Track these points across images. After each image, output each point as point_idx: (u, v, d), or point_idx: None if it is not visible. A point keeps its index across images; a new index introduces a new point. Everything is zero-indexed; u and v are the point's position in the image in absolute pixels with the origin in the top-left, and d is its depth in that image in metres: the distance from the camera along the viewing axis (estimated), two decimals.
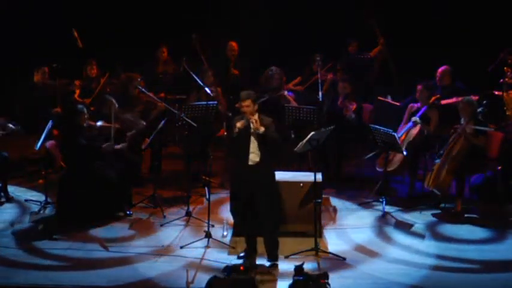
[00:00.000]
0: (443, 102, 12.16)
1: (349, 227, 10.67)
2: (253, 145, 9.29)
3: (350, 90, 12.30)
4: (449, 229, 10.61)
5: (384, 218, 10.93)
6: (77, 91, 12.88)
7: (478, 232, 10.53)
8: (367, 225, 10.74)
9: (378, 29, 13.78)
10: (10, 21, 15.32)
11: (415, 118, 11.48)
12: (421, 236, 10.38)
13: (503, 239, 10.33)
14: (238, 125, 9.27)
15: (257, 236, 9.51)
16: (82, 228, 10.47)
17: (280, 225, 9.63)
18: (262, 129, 9.25)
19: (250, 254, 9.50)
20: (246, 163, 9.29)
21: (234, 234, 10.17)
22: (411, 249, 9.98)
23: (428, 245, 10.11)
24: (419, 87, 11.73)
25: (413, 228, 10.62)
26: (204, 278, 8.82)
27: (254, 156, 9.30)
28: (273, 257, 9.38)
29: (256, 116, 9.27)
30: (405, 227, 10.65)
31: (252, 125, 9.26)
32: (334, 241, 10.16)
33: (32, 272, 9.33)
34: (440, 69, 12.47)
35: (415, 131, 11.45)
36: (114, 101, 11.39)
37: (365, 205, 11.36)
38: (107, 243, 10.09)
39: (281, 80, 12.60)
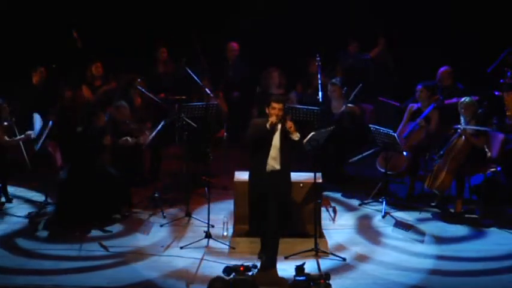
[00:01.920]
0: (446, 102, 12.15)
1: (349, 227, 10.67)
2: (274, 151, 9.23)
3: (339, 94, 12.24)
4: (449, 230, 10.62)
5: (384, 219, 10.92)
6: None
7: (478, 233, 10.53)
8: (367, 225, 10.74)
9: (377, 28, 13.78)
10: (9, 22, 15.32)
11: (421, 120, 11.45)
12: (421, 237, 10.38)
13: (503, 240, 10.33)
14: (273, 119, 9.11)
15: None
16: (82, 229, 10.47)
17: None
18: (297, 135, 9.19)
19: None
20: (264, 169, 9.20)
21: (234, 235, 10.17)
22: (411, 250, 9.98)
23: (428, 246, 10.11)
24: (419, 87, 11.73)
25: (413, 229, 10.62)
26: (204, 278, 8.82)
27: (274, 163, 9.21)
28: (270, 261, 9.32)
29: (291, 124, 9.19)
30: (405, 228, 10.65)
31: (287, 129, 9.15)
32: (334, 241, 10.16)
33: (32, 272, 9.33)
34: (441, 70, 12.47)
35: (421, 133, 11.42)
36: (127, 105, 11.55)
37: (365, 205, 11.35)
38: (107, 243, 10.09)
39: (280, 81, 12.59)
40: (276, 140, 9.22)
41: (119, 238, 10.27)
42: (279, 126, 9.21)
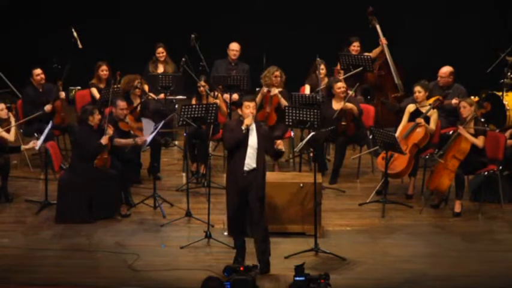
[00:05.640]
0: (445, 102, 12.15)
1: (349, 227, 10.67)
2: (251, 151, 9.23)
3: (346, 90, 12.19)
4: (448, 229, 10.61)
5: (383, 218, 10.92)
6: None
7: (478, 233, 10.53)
8: (367, 225, 10.74)
9: (377, 24, 13.71)
10: (10, 21, 15.36)
11: (420, 119, 11.43)
12: (420, 237, 10.38)
13: (503, 240, 10.34)
14: (248, 121, 9.19)
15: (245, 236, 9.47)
16: (82, 229, 10.48)
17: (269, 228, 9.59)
18: (282, 147, 9.55)
19: (242, 255, 9.46)
20: (242, 169, 9.21)
21: None
22: (411, 250, 9.99)
23: (428, 246, 10.11)
24: (416, 88, 11.68)
25: (413, 228, 10.62)
26: (204, 278, 8.81)
27: (251, 162, 9.22)
28: (266, 264, 9.34)
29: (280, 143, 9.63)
30: (405, 227, 10.65)
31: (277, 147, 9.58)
32: (334, 241, 10.16)
33: (32, 272, 9.35)
34: (442, 70, 12.44)
35: (421, 133, 11.39)
36: (123, 100, 11.57)
37: (365, 205, 11.34)
38: (107, 243, 10.09)
39: (281, 80, 12.60)
40: (253, 140, 9.25)
41: (119, 238, 10.26)
42: (253, 125, 9.26)
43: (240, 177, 9.21)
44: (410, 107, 11.68)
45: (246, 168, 9.21)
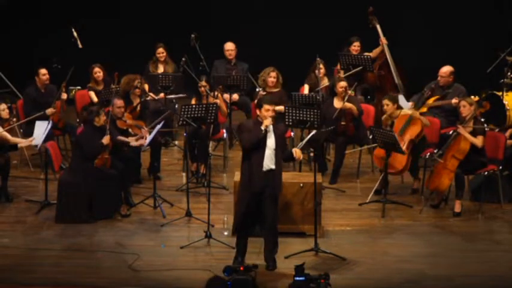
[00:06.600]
0: (442, 102, 12.15)
1: (349, 227, 10.67)
2: (269, 151, 9.24)
3: (347, 89, 12.18)
4: (448, 230, 10.61)
5: (383, 218, 10.92)
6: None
7: (478, 233, 10.53)
8: (367, 225, 10.74)
9: (377, 24, 13.70)
10: (10, 21, 15.37)
11: (415, 112, 11.41)
12: (420, 237, 10.38)
13: (503, 240, 10.34)
14: (267, 122, 9.21)
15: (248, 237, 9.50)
16: (82, 229, 10.47)
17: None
18: (300, 155, 9.43)
19: (242, 255, 9.48)
20: (261, 169, 9.23)
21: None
22: (411, 250, 9.99)
23: (428, 246, 10.11)
24: (384, 101, 11.66)
25: (413, 228, 10.62)
26: (204, 278, 8.81)
27: (269, 163, 9.24)
28: (273, 261, 9.40)
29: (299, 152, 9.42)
30: (405, 227, 10.65)
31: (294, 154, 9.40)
32: (334, 241, 10.16)
33: (32, 272, 9.35)
34: (443, 69, 12.44)
35: (417, 127, 11.39)
36: (121, 99, 11.53)
37: (365, 205, 11.34)
38: (107, 243, 10.09)
39: (277, 80, 12.60)
40: (271, 141, 9.26)
41: (119, 238, 10.26)
42: (271, 127, 9.27)
43: (257, 177, 9.22)
44: (386, 120, 11.62)
45: (264, 169, 9.22)
